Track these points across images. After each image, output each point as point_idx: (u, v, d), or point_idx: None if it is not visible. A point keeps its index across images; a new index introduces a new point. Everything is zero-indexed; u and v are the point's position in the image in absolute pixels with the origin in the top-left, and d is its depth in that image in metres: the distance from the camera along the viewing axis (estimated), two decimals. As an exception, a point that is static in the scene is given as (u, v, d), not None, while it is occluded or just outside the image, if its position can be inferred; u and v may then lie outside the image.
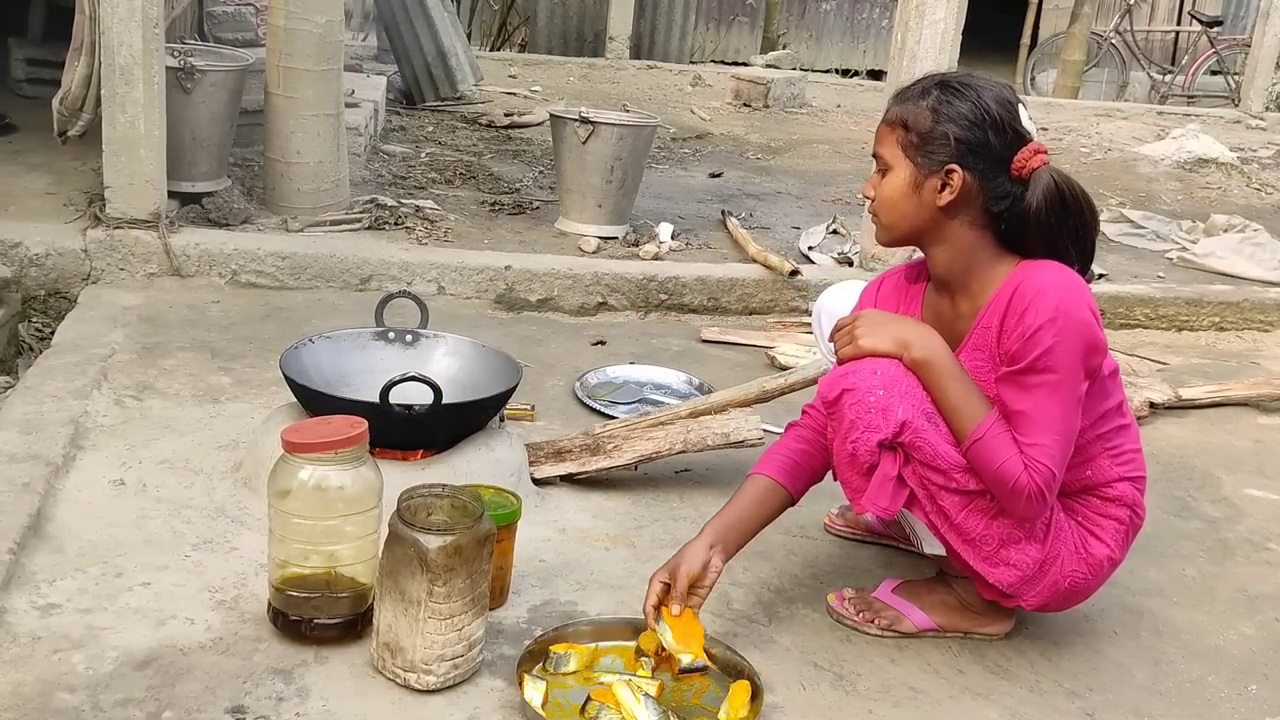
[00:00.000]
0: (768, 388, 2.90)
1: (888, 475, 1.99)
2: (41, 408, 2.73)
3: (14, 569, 2.11)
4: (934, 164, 2.02)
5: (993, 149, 2.01)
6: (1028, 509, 1.98)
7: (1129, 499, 2.14)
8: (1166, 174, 6.99)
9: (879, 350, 2.02)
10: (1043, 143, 2.06)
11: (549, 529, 2.49)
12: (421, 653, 1.87)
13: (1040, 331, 1.93)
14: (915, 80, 2.12)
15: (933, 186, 2.03)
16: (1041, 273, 2.00)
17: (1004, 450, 1.95)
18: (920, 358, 2.00)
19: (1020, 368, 1.96)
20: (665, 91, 8.55)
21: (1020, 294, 1.98)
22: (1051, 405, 1.95)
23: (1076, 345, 1.94)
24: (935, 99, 2.03)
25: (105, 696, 1.83)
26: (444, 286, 3.95)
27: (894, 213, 2.08)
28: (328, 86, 4.18)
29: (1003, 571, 2.06)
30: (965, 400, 1.98)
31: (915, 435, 1.97)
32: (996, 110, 2.02)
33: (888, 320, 2.08)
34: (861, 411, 1.97)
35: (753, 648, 2.12)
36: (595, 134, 4.40)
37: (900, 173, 2.05)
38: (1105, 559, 2.13)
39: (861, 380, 1.99)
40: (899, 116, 2.06)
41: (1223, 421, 3.54)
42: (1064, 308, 1.94)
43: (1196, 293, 4.55)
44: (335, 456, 1.93)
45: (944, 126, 2.01)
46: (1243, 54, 10.48)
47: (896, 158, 2.05)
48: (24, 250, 3.68)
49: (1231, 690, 2.19)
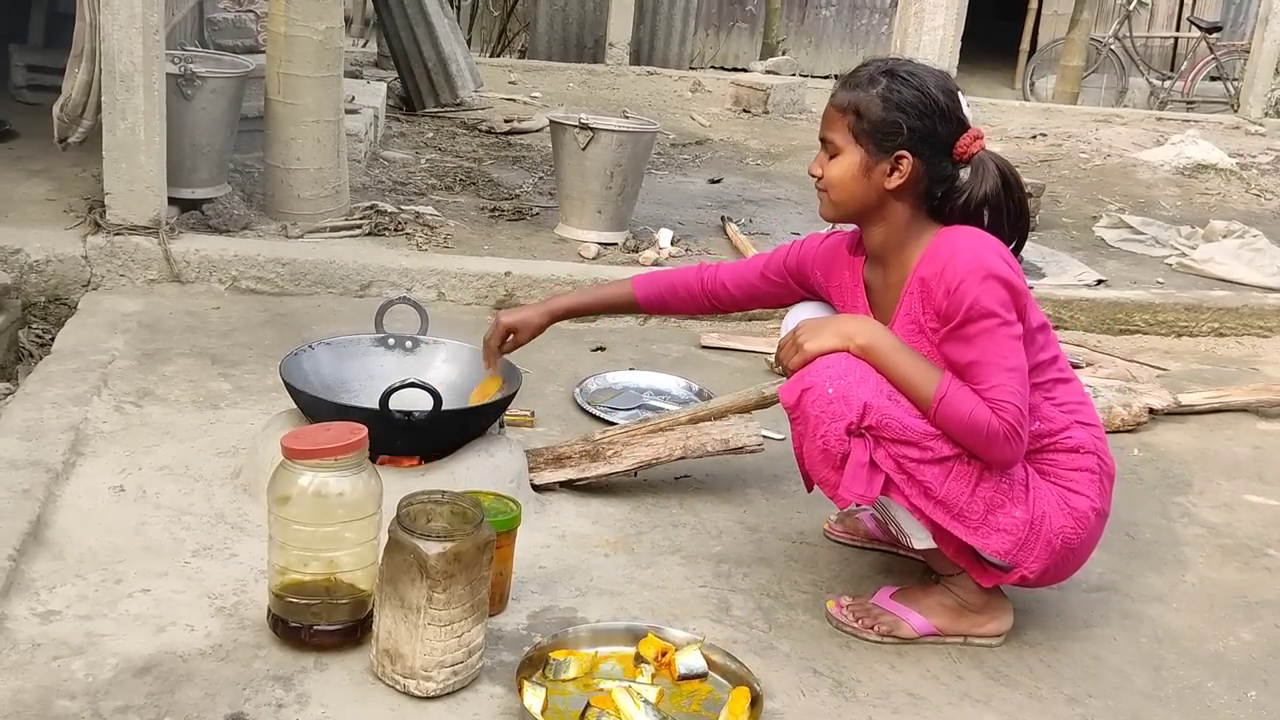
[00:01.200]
0: (767, 394, 2.90)
1: (860, 461, 2.04)
2: (41, 414, 2.73)
3: (14, 575, 2.11)
4: (884, 150, 2.12)
5: (939, 136, 2.13)
6: (1006, 450, 2.03)
7: (1090, 446, 2.18)
8: (1166, 179, 7.00)
9: (825, 348, 2.09)
10: (981, 129, 2.19)
11: (549, 535, 2.49)
12: (421, 659, 1.87)
13: (964, 283, 2.03)
14: (861, 66, 2.19)
15: (882, 170, 2.14)
16: (953, 234, 2.13)
17: (967, 401, 2.02)
18: (864, 343, 2.08)
19: (956, 322, 2.05)
20: (665, 97, 8.56)
21: (936, 254, 2.10)
22: (995, 347, 2.03)
23: (999, 289, 2.04)
24: (885, 87, 2.11)
25: (105, 703, 1.83)
26: (444, 292, 3.96)
27: (843, 193, 2.17)
28: (328, 93, 4.18)
29: (997, 540, 2.09)
30: (917, 370, 2.06)
31: (880, 415, 2.02)
32: (943, 99, 2.13)
33: (824, 321, 2.17)
34: (824, 405, 2.03)
35: (752, 654, 2.12)
36: (595, 140, 4.41)
37: (850, 157, 2.14)
38: (1089, 510, 2.15)
39: (817, 377, 2.06)
40: (850, 103, 2.14)
41: (1222, 427, 3.54)
42: (978, 257, 2.05)
43: (1196, 298, 4.55)
44: (335, 463, 1.94)
45: (895, 115, 2.10)
46: (1242, 59, 10.49)
47: (847, 142, 2.14)
48: (24, 256, 3.68)
49: (1231, 696, 2.19)
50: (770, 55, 10.53)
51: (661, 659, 2.03)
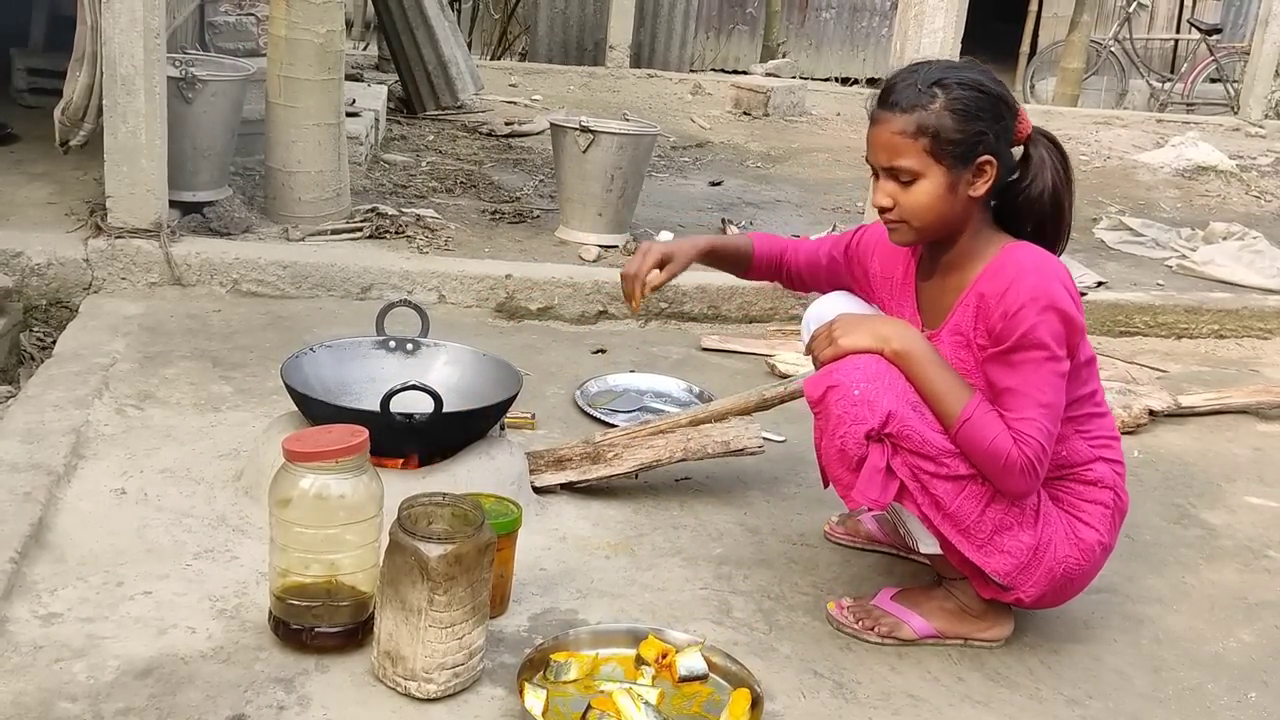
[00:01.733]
0: (768, 396, 2.90)
1: (876, 467, 2.02)
2: (43, 417, 2.73)
3: (15, 578, 2.11)
4: (968, 161, 2.06)
5: (1009, 127, 2.10)
6: (1020, 483, 2.02)
7: (1109, 481, 2.17)
8: (1166, 181, 7.00)
9: (859, 347, 2.06)
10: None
11: (549, 537, 2.49)
12: (422, 661, 1.87)
13: (1024, 310, 1.99)
14: (892, 85, 2.09)
15: (967, 182, 2.08)
16: (1021, 254, 2.07)
17: (992, 427, 2.00)
18: (900, 349, 2.05)
19: (1006, 346, 2.01)
20: (665, 100, 8.56)
21: (1001, 273, 2.05)
22: (1036, 380, 2.00)
23: (1057, 323, 2.00)
24: (947, 100, 2.04)
25: (106, 706, 1.83)
26: (445, 295, 3.96)
27: (929, 216, 2.09)
28: (329, 96, 4.19)
29: (998, 559, 2.08)
30: (948, 386, 2.03)
31: (902, 424, 2.00)
32: (1001, 90, 2.09)
33: (863, 319, 2.13)
34: (847, 406, 2.01)
35: (753, 655, 2.12)
36: (595, 143, 4.42)
37: (934, 179, 2.06)
38: (1095, 543, 2.15)
39: (845, 376, 2.03)
40: (918, 125, 2.04)
41: (1222, 429, 3.54)
42: (1043, 286, 2.01)
43: (1196, 300, 4.55)
44: (336, 465, 1.94)
45: (975, 125, 2.04)
46: (1242, 61, 10.49)
47: (926, 165, 2.05)
48: (26, 260, 3.69)
49: (1231, 698, 2.19)
50: (770, 58, 10.54)
51: (662, 660, 2.03)
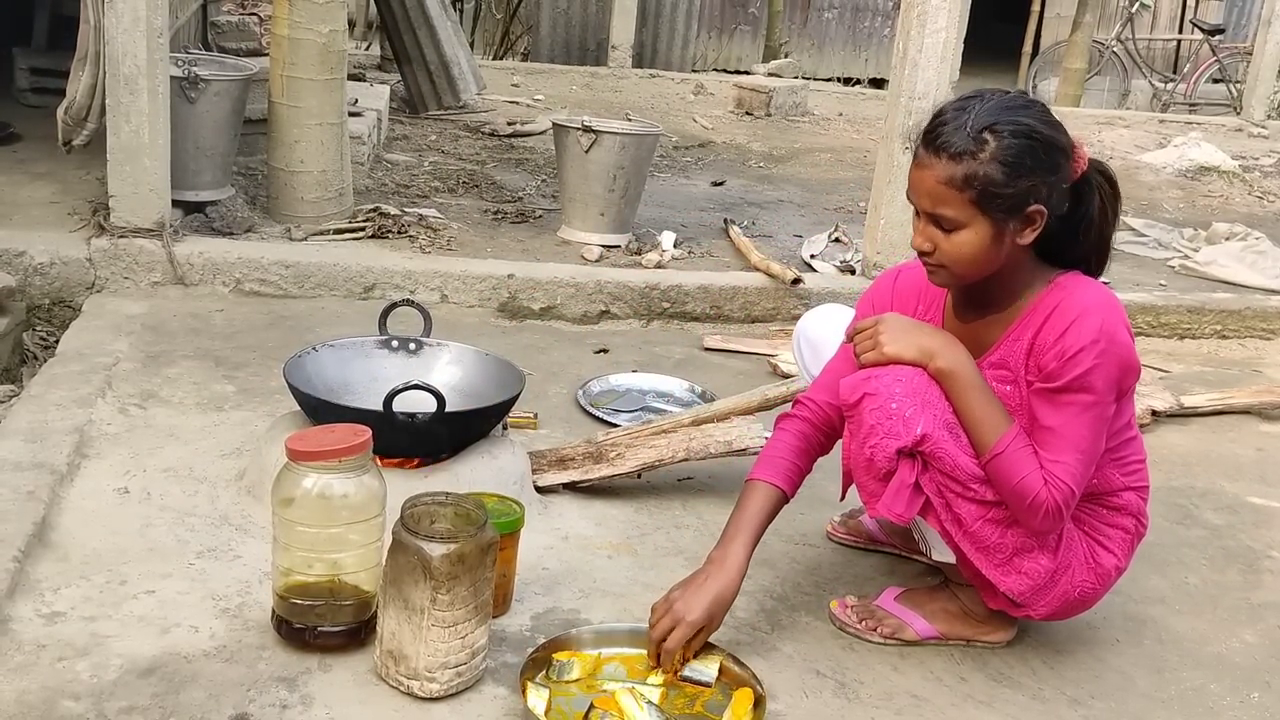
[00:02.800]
0: (770, 396, 2.91)
1: (905, 483, 1.98)
2: (46, 416, 2.73)
3: (19, 577, 2.11)
4: (1017, 212, 1.94)
5: (1063, 175, 1.98)
6: (1044, 524, 1.99)
7: (1134, 508, 2.15)
8: (1168, 182, 7.00)
9: (903, 359, 1.99)
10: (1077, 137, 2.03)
11: (552, 537, 2.50)
12: (425, 660, 1.87)
13: (1082, 353, 1.92)
14: (942, 122, 1.96)
15: (1014, 229, 1.96)
16: (1081, 291, 1.99)
17: (1025, 465, 1.95)
18: (945, 368, 1.98)
19: (1056, 386, 1.95)
20: (667, 100, 8.56)
21: (1061, 313, 1.97)
22: (1080, 425, 1.95)
23: (1114, 369, 1.95)
24: (997, 149, 1.90)
25: (110, 704, 1.83)
26: (447, 295, 3.96)
27: (973, 266, 1.99)
28: (331, 95, 4.19)
29: (1015, 580, 2.06)
30: (988, 413, 1.97)
31: (935, 446, 1.96)
32: (1056, 135, 1.96)
33: (912, 327, 2.04)
34: (882, 418, 1.96)
35: (755, 655, 2.12)
36: (598, 143, 4.42)
37: (979, 230, 1.94)
38: (1113, 568, 2.14)
39: (883, 386, 1.97)
40: (965, 177, 1.91)
41: (1225, 429, 3.54)
42: (1107, 330, 1.93)
43: (1198, 300, 4.56)
44: (339, 465, 1.94)
45: (1026, 179, 1.92)
46: (1244, 62, 10.49)
47: (971, 216, 1.94)
48: (28, 259, 3.69)
49: (1234, 698, 2.19)
50: (773, 58, 10.54)
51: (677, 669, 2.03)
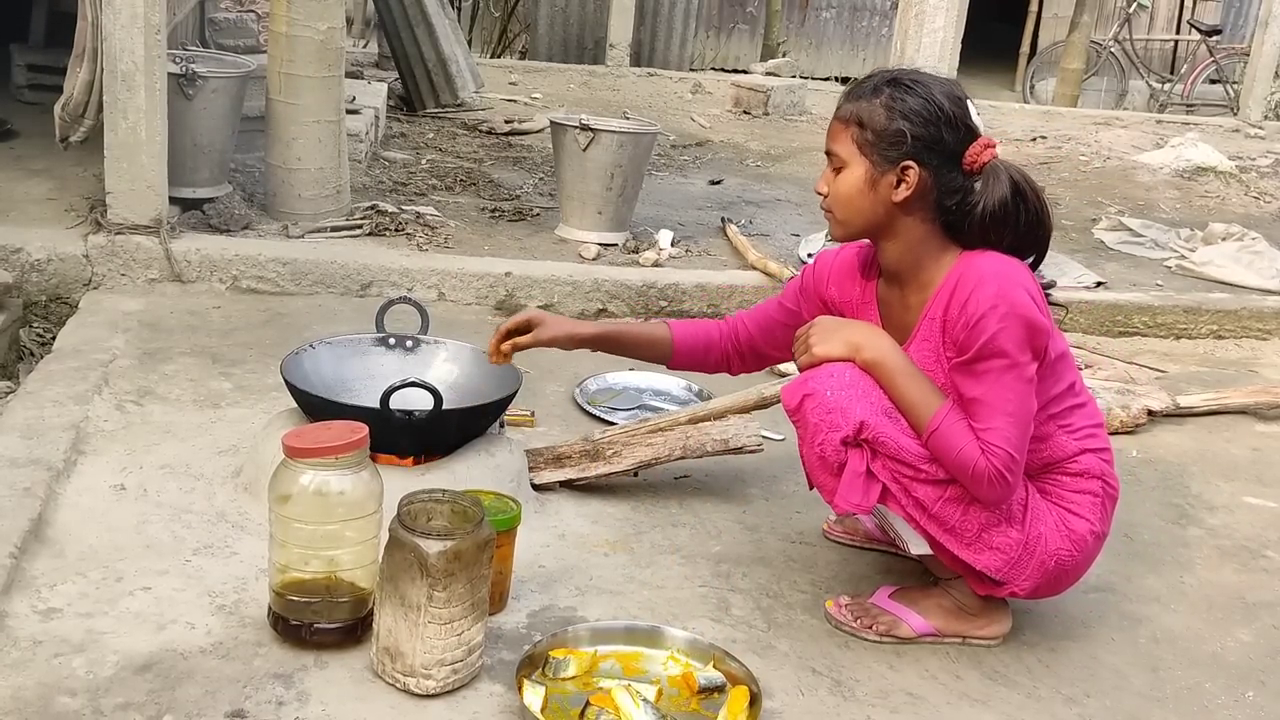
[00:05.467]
0: (767, 394, 2.91)
1: (856, 471, 2.04)
2: (42, 413, 2.73)
3: (15, 573, 2.11)
4: (890, 161, 2.07)
5: (946, 145, 2.08)
6: (991, 492, 2.03)
7: (1096, 470, 2.17)
8: (1165, 182, 7.00)
9: (832, 355, 2.08)
10: (993, 138, 2.12)
11: (548, 534, 2.50)
12: (421, 657, 1.88)
13: (984, 319, 1.99)
14: (866, 77, 2.15)
15: (889, 183, 2.08)
16: (980, 262, 2.06)
17: (960, 438, 2.01)
18: (871, 358, 2.07)
19: (969, 356, 2.02)
20: (665, 99, 8.57)
21: (962, 284, 2.05)
22: (1002, 389, 2.01)
23: (1019, 329, 2.00)
24: (889, 96, 2.07)
25: (105, 700, 1.83)
26: (444, 293, 3.96)
27: (849, 209, 2.12)
28: (329, 93, 4.19)
29: (988, 556, 2.10)
30: (918, 395, 2.05)
31: (875, 432, 2.03)
32: (949, 106, 2.07)
33: (839, 325, 2.15)
34: (822, 414, 2.04)
35: (751, 653, 2.12)
36: (595, 141, 4.42)
37: (856, 170, 2.09)
38: (1088, 533, 2.16)
39: (819, 385, 2.06)
40: (853, 114, 2.09)
41: (1221, 429, 3.55)
42: (1003, 293, 2.00)
43: (1195, 301, 4.56)
44: (336, 461, 1.94)
45: (899, 124, 2.05)
46: (1241, 63, 10.50)
47: (852, 154, 2.09)
48: (25, 255, 3.69)
49: (1229, 697, 2.19)
50: (771, 57, 10.54)
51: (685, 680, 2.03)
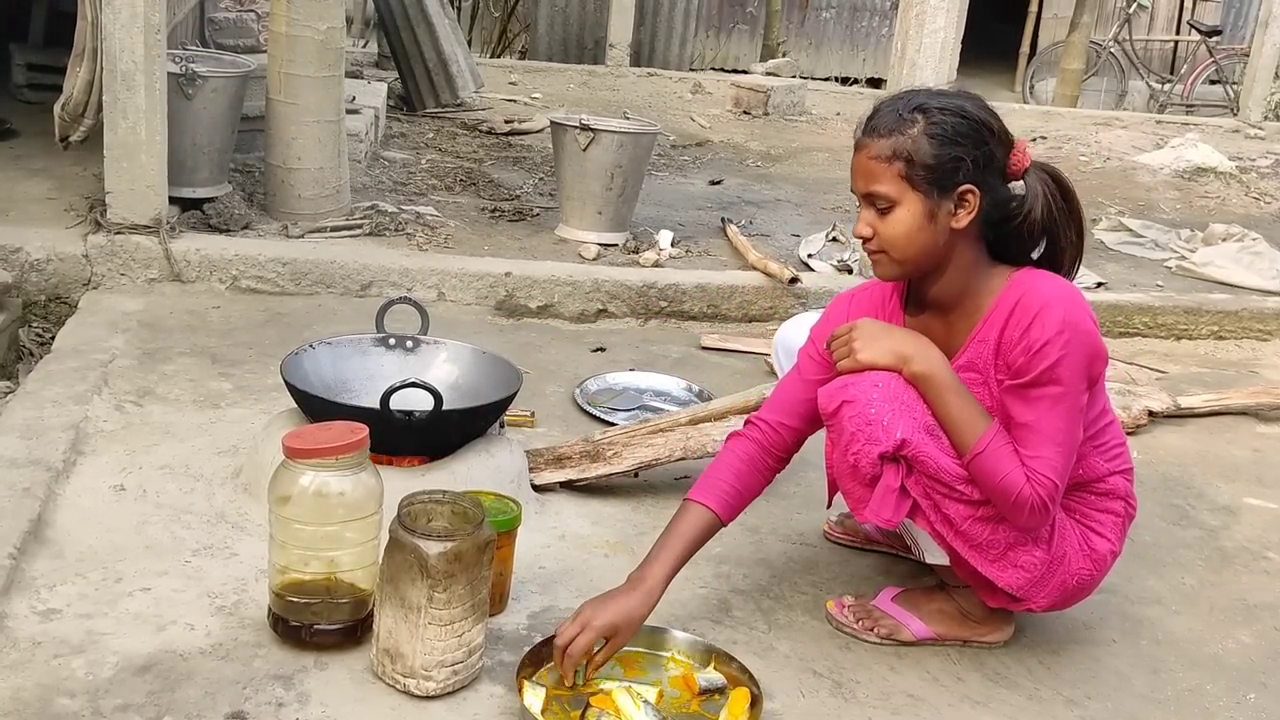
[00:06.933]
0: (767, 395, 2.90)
1: (890, 487, 1.99)
2: (42, 413, 2.73)
3: (14, 574, 2.11)
4: (946, 190, 1.97)
5: (996, 159, 2.01)
6: (1030, 520, 1.99)
7: (1121, 491, 2.16)
8: (1165, 183, 7.00)
9: (878, 365, 2.00)
10: (1023, 139, 2.07)
11: (549, 535, 2.49)
12: (421, 659, 1.87)
13: (1048, 345, 1.93)
14: (878, 110, 2.03)
15: (947, 211, 1.99)
16: (1042, 285, 1.99)
17: (1006, 463, 1.96)
18: (921, 371, 1.99)
19: (1025, 381, 1.96)
20: (665, 99, 8.56)
21: (1024, 308, 1.97)
22: (1054, 418, 1.96)
23: (1082, 358, 1.95)
24: (927, 124, 1.96)
25: (105, 702, 1.83)
26: (444, 293, 3.96)
27: (910, 247, 2.00)
28: (329, 93, 4.18)
29: (1011, 574, 2.07)
30: (965, 414, 1.98)
31: (916, 450, 1.96)
32: (988, 118, 2.00)
33: (884, 332, 2.06)
34: (861, 424, 1.97)
35: (752, 655, 2.12)
36: (595, 141, 4.41)
37: (911, 206, 1.98)
38: (1108, 553, 2.15)
39: (861, 393, 1.98)
40: (894, 150, 1.96)
41: (1221, 430, 3.54)
42: (1070, 320, 1.94)
43: (1195, 301, 4.56)
44: (336, 462, 1.94)
45: (951, 150, 1.95)
46: (1241, 63, 10.51)
47: (903, 192, 1.97)
48: (25, 255, 3.68)
49: (1230, 699, 2.19)
50: (770, 57, 10.55)
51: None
